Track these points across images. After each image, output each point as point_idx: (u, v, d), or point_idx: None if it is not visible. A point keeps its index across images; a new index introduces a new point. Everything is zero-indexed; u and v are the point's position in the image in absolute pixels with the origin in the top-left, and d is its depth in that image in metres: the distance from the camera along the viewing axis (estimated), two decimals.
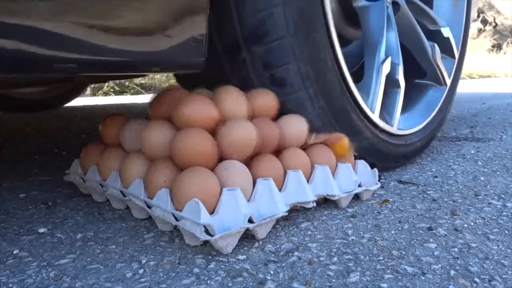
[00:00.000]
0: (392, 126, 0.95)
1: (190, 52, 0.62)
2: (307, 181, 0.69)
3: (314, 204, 0.67)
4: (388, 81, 0.93)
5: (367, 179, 0.78)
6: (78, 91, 2.30)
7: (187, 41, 0.61)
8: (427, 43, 1.08)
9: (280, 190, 0.65)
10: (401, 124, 0.99)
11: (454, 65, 1.18)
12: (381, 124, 0.92)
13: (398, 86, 0.97)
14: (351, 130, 0.84)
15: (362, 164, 0.80)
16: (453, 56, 1.17)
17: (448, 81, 1.15)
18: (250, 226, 0.57)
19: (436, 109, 1.12)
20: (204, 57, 0.64)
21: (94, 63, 0.53)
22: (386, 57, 0.93)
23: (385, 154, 0.94)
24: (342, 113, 0.82)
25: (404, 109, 1.03)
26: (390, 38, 0.96)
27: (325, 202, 0.74)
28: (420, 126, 1.05)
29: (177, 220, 0.57)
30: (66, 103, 2.33)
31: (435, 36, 1.13)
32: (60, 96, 2.22)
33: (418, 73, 1.14)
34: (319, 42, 0.76)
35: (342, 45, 0.89)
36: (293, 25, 0.72)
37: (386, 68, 0.91)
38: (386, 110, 0.96)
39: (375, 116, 0.90)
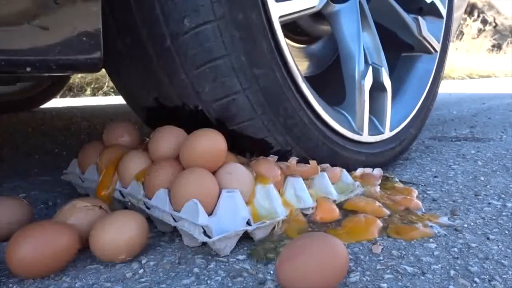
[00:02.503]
0: (383, 133, 0.93)
1: (80, 48, 0.53)
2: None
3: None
4: (373, 86, 0.88)
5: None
6: (53, 93, 2.21)
7: (74, 35, 0.52)
8: (409, 20, 1.01)
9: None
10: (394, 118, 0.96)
11: (443, 27, 1.11)
12: (373, 138, 0.89)
13: (384, 89, 0.92)
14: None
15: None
16: (440, 16, 1.10)
17: (438, 47, 1.10)
18: (249, 228, 0.56)
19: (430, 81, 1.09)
20: (100, 55, 0.55)
21: None
22: (367, 66, 0.87)
23: (385, 161, 0.94)
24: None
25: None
26: (367, 39, 0.91)
27: None
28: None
29: (175, 221, 0.57)
30: (40, 105, 2.23)
31: (417, 3, 1.07)
32: (32, 98, 2.11)
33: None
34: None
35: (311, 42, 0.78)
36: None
37: (368, 82, 0.86)
38: (376, 116, 0.93)
39: (364, 137, 0.87)
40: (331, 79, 1.13)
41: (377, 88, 0.91)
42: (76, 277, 0.50)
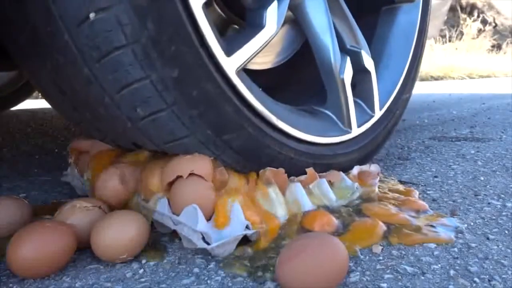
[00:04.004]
0: (373, 115, 0.87)
1: None
2: None
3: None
4: (356, 70, 0.81)
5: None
6: (25, 94, 2.15)
7: None
8: None
9: None
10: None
11: None
12: (364, 128, 0.84)
13: (367, 71, 0.84)
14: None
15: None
16: None
17: None
18: (248, 232, 0.56)
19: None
20: None
21: None
22: (344, 56, 0.79)
23: (379, 144, 0.91)
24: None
25: None
26: (340, 22, 0.82)
27: None
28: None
29: (175, 224, 0.57)
30: (12, 106, 2.18)
31: None
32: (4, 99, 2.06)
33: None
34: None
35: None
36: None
37: (348, 75, 0.79)
38: (363, 99, 0.87)
39: (354, 132, 0.81)
40: (310, 64, 1.01)
41: (360, 71, 0.84)
42: (76, 277, 0.50)
